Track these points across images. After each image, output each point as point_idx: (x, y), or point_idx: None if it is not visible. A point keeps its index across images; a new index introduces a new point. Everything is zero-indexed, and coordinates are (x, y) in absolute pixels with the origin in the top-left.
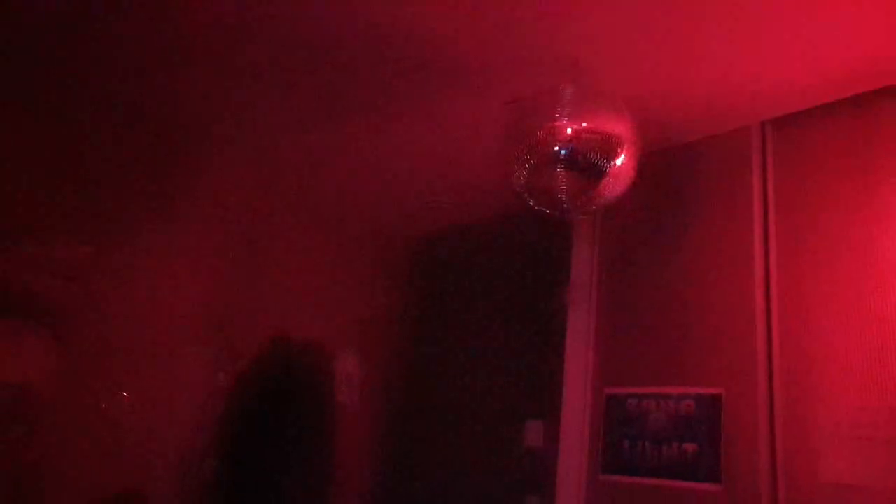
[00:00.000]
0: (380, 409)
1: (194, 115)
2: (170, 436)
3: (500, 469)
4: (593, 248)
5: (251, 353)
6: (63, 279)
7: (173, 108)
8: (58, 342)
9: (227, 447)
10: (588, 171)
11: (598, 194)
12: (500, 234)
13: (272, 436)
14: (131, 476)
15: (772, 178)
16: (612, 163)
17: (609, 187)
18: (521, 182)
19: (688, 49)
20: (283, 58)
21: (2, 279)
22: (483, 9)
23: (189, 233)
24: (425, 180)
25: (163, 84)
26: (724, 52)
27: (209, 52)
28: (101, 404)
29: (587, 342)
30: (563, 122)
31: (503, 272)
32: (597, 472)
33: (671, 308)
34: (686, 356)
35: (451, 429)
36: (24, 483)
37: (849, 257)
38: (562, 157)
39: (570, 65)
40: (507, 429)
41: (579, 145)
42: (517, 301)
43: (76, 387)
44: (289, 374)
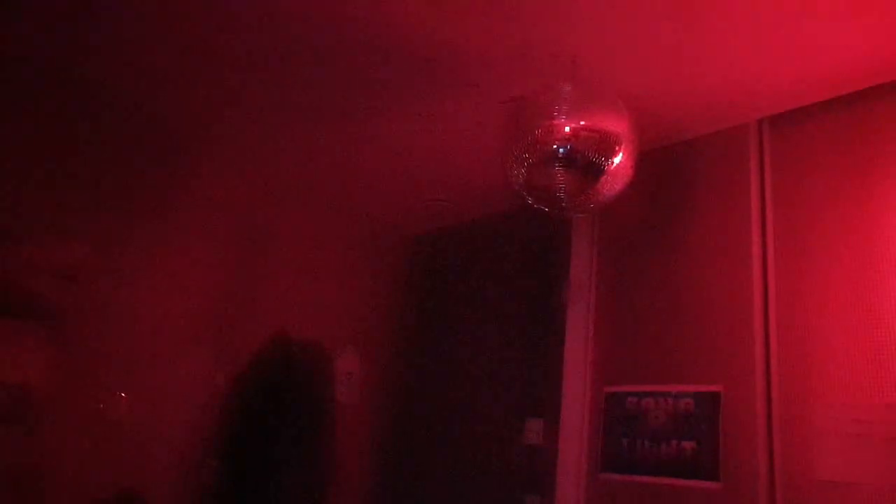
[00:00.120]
0: (380, 409)
1: (194, 115)
2: (169, 436)
3: (500, 467)
4: (592, 246)
5: (250, 352)
6: (63, 280)
7: (174, 108)
8: (57, 343)
9: (226, 447)
10: (586, 169)
11: (596, 192)
12: (500, 233)
13: (272, 435)
14: (130, 476)
15: (769, 175)
16: (610, 161)
17: (607, 185)
18: (520, 180)
19: (685, 48)
20: (282, 58)
21: (2, 279)
22: (482, 8)
23: (189, 233)
24: (424, 179)
25: (163, 83)
26: (721, 51)
27: (210, 51)
28: (99, 405)
29: (586, 340)
30: (562, 121)
31: (503, 271)
32: (596, 469)
33: (670, 306)
34: (684, 354)
35: (450, 427)
36: (23, 483)
37: (846, 255)
38: (560, 155)
39: (568, 63)
40: (506, 427)
41: (577, 144)
42: (516, 299)
43: (75, 387)
44: (289, 373)
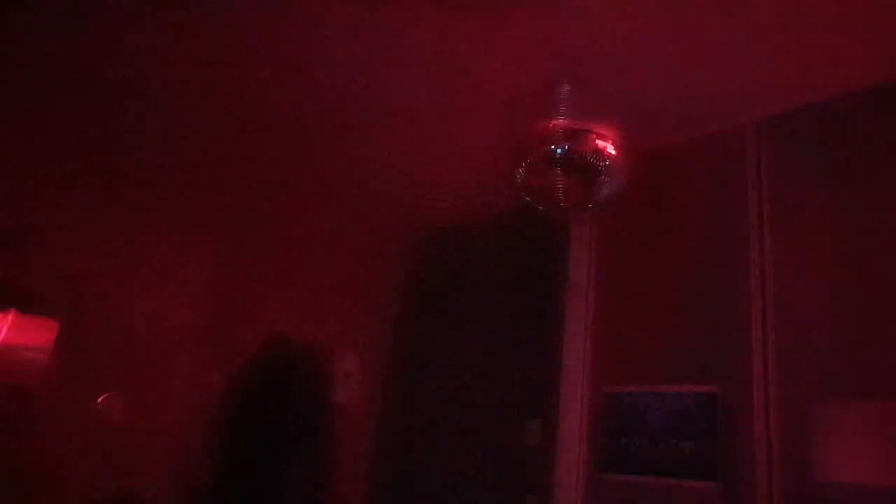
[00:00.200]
0: (378, 409)
1: (193, 113)
2: (168, 436)
3: (499, 467)
4: (590, 246)
5: (249, 353)
6: (62, 280)
7: (173, 106)
8: (57, 343)
9: (224, 447)
10: (585, 169)
11: (594, 193)
12: (498, 233)
13: (270, 436)
14: (128, 477)
15: (767, 176)
16: (608, 162)
17: (605, 186)
18: (519, 181)
19: (683, 49)
20: (288, 53)
21: (2, 279)
22: (481, 7)
23: (187, 233)
24: (423, 179)
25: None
26: (719, 52)
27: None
28: (96, 401)
29: (585, 340)
30: (560, 121)
31: (501, 271)
32: (594, 469)
33: (668, 306)
34: (683, 354)
35: (449, 427)
36: (22, 483)
37: (845, 255)
38: (558, 155)
39: (567, 64)
40: (505, 427)
41: (576, 144)
42: (515, 300)
43: (74, 388)
44: (287, 374)
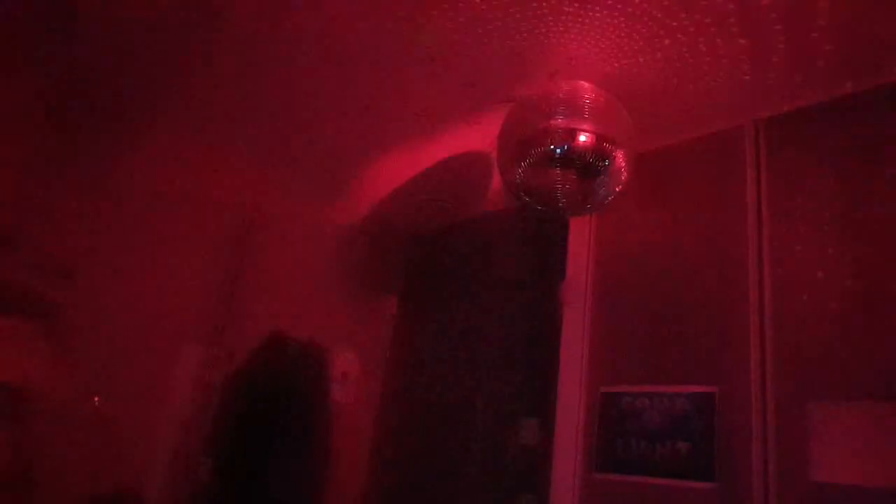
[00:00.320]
0: (375, 408)
1: (191, 112)
2: (165, 434)
3: (495, 467)
4: (588, 246)
5: (246, 351)
6: (59, 277)
7: (170, 105)
8: (53, 341)
9: (222, 446)
10: (584, 170)
11: (593, 193)
12: (497, 233)
13: (267, 434)
14: (126, 475)
15: (765, 176)
16: (607, 162)
17: (604, 186)
18: (518, 181)
19: (681, 48)
20: (280, 57)
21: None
22: (480, 7)
23: (184, 230)
24: (421, 179)
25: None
26: (717, 51)
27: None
28: (94, 398)
29: (582, 340)
30: (559, 121)
31: (499, 271)
32: (591, 470)
33: (665, 306)
34: (680, 354)
35: (445, 427)
36: (19, 482)
37: (844, 256)
38: (557, 155)
39: (565, 64)
40: (501, 427)
41: (575, 144)
42: (512, 299)
43: (71, 385)
44: (284, 372)
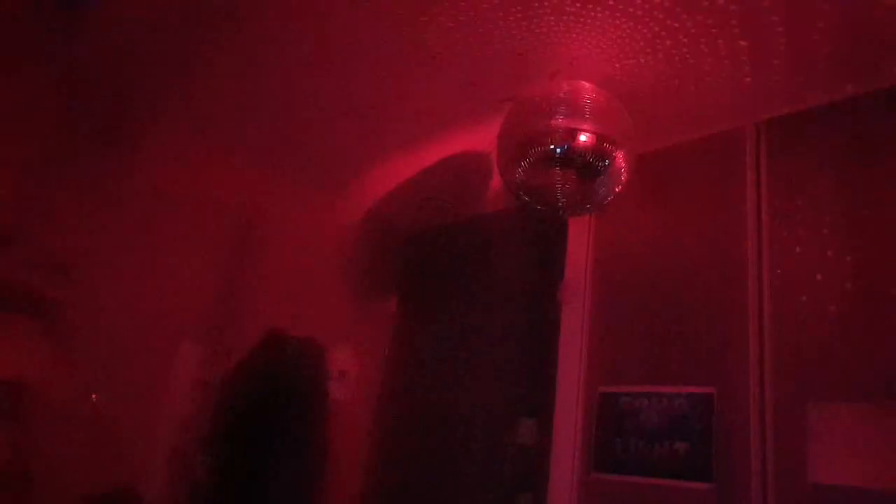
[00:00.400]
0: (373, 407)
1: (192, 112)
2: (163, 432)
3: (493, 467)
4: (588, 246)
5: (244, 349)
6: (56, 275)
7: (170, 105)
8: (51, 339)
9: (220, 444)
10: (583, 170)
11: (593, 193)
12: (495, 233)
13: (265, 433)
14: (125, 473)
15: (765, 178)
16: (607, 162)
17: (604, 187)
18: (517, 180)
19: (682, 49)
20: (279, 57)
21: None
22: (481, 6)
23: (184, 229)
24: (421, 177)
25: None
26: (718, 53)
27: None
28: (91, 396)
29: (581, 340)
30: (559, 121)
31: (498, 270)
32: (589, 470)
33: (664, 307)
34: (678, 355)
35: (444, 426)
36: (17, 479)
37: (843, 257)
38: (557, 155)
39: (566, 64)
40: (499, 427)
41: (575, 144)
42: (511, 299)
43: (69, 383)
44: (282, 370)
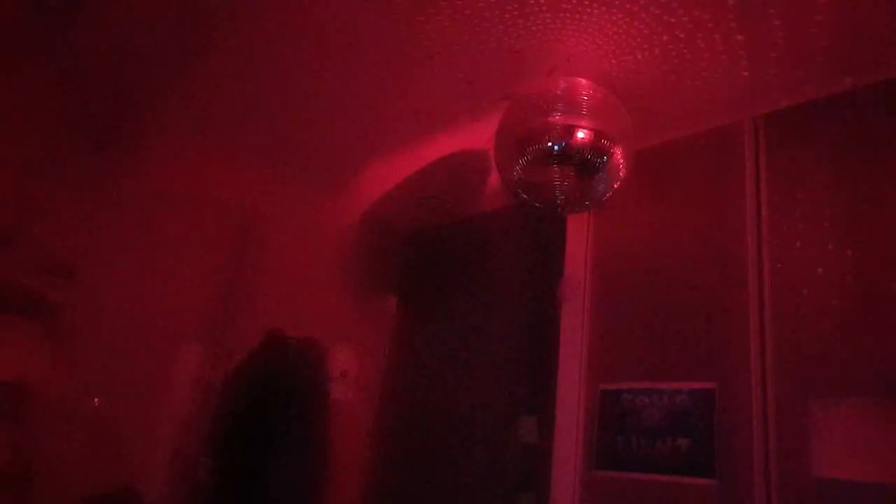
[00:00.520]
0: (375, 407)
1: (192, 112)
2: (163, 433)
3: (495, 465)
4: (587, 243)
5: (245, 349)
6: (56, 276)
7: (170, 105)
8: (53, 340)
9: (221, 445)
10: (582, 167)
11: (591, 190)
12: (495, 231)
13: (266, 433)
14: (125, 473)
15: (764, 173)
16: (605, 159)
17: (603, 183)
18: (516, 178)
19: (679, 44)
20: (278, 56)
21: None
22: (478, 4)
23: (184, 229)
24: (420, 176)
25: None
26: (715, 48)
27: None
28: (94, 399)
29: (581, 338)
30: (557, 118)
31: (497, 268)
32: (591, 468)
33: (664, 303)
34: (679, 351)
35: (445, 425)
36: (19, 480)
37: (844, 252)
38: (555, 152)
39: (563, 61)
40: (500, 426)
41: (573, 141)
42: (511, 297)
43: (70, 384)
44: (283, 370)
